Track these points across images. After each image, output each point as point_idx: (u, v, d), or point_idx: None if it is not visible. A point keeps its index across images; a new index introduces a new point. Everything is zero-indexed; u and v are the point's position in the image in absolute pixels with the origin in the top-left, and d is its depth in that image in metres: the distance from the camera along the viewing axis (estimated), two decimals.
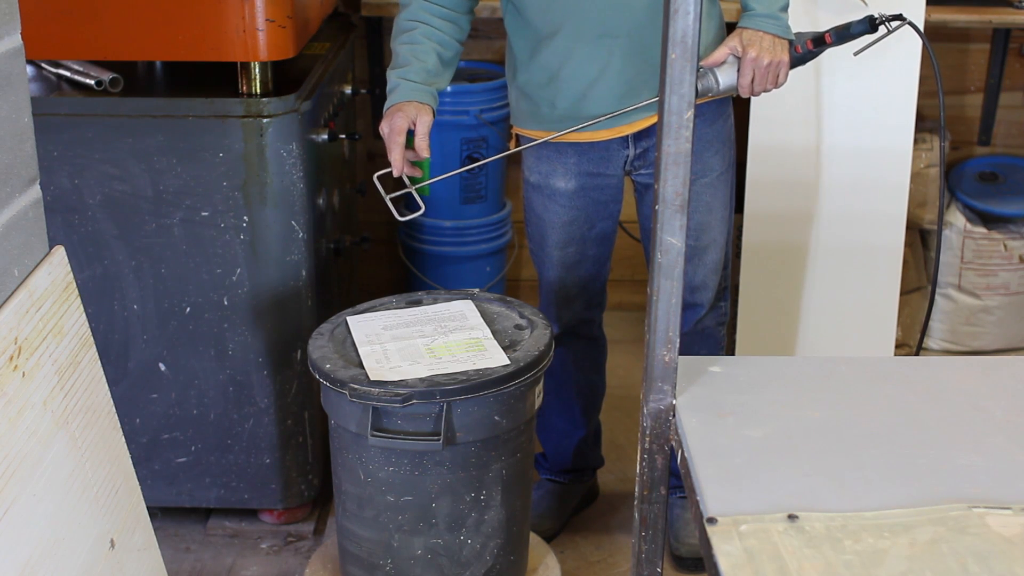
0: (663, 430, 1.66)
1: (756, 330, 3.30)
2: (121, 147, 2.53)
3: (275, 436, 2.74)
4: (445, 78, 2.49)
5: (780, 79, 2.40)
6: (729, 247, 2.71)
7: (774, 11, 2.38)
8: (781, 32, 2.38)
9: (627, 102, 2.45)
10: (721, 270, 2.69)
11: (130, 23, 2.49)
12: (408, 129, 2.38)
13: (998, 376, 1.78)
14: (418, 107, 2.39)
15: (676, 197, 1.52)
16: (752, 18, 2.39)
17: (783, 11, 2.40)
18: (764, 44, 2.36)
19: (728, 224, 2.67)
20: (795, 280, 3.27)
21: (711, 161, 2.57)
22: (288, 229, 2.60)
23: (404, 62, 2.43)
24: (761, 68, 2.36)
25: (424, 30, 2.45)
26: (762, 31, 2.37)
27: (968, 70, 3.80)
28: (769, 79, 2.38)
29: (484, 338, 2.28)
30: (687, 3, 1.44)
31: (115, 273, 2.61)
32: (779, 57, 2.37)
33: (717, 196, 2.60)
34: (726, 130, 2.60)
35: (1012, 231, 3.67)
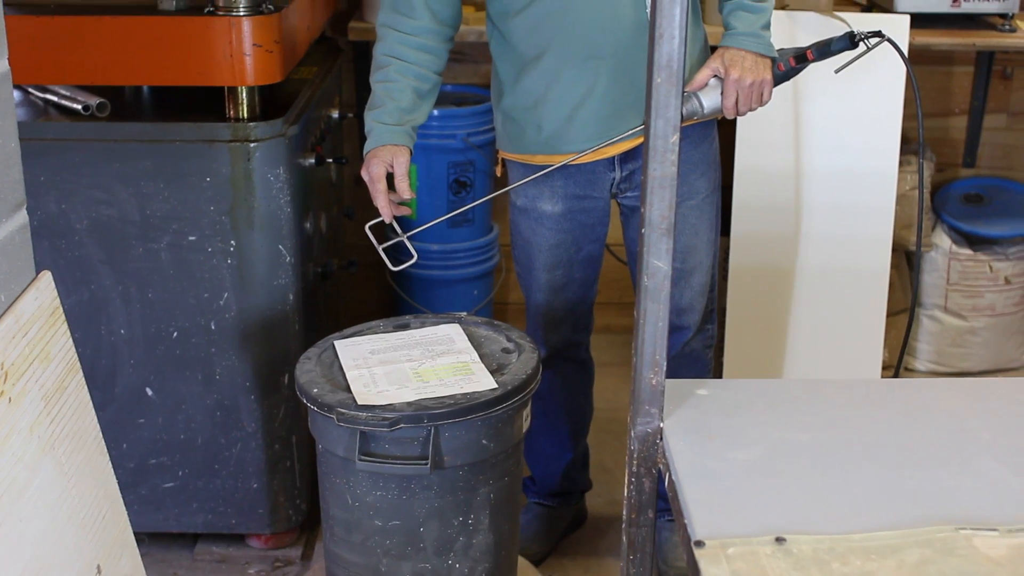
0: (651, 453, 1.66)
1: (743, 352, 3.30)
2: (108, 172, 2.53)
3: (263, 461, 2.74)
4: (424, 111, 2.50)
5: (764, 97, 2.41)
6: (715, 269, 2.70)
7: (755, 29, 2.40)
8: (763, 50, 2.39)
9: (613, 123, 2.45)
10: (708, 292, 2.69)
11: (117, 48, 2.49)
12: (388, 172, 2.40)
13: (985, 397, 1.79)
14: (393, 149, 2.41)
15: (662, 220, 1.53)
16: (733, 37, 2.40)
17: (764, 29, 2.42)
18: (746, 64, 2.37)
19: (714, 246, 2.67)
20: (782, 302, 3.28)
21: (697, 184, 2.57)
22: (275, 253, 2.60)
23: (379, 103, 2.45)
24: (744, 88, 2.37)
25: (398, 66, 2.46)
26: (744, 50, 2.38)
27: (952, 92, 3.82)
28: (753, 98, 2.39)
29: (472, 362, 2.28)
30: (672, 27, 1.45)
31: (102, 298, 2.61)
32: (762, 76, 2.38)
33: (703, 218, 2.61)
34: (711, 153, 2.61)
35: (998, 252, 3.69)
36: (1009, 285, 3.70)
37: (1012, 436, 1.67)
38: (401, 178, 2.41)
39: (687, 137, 2.46)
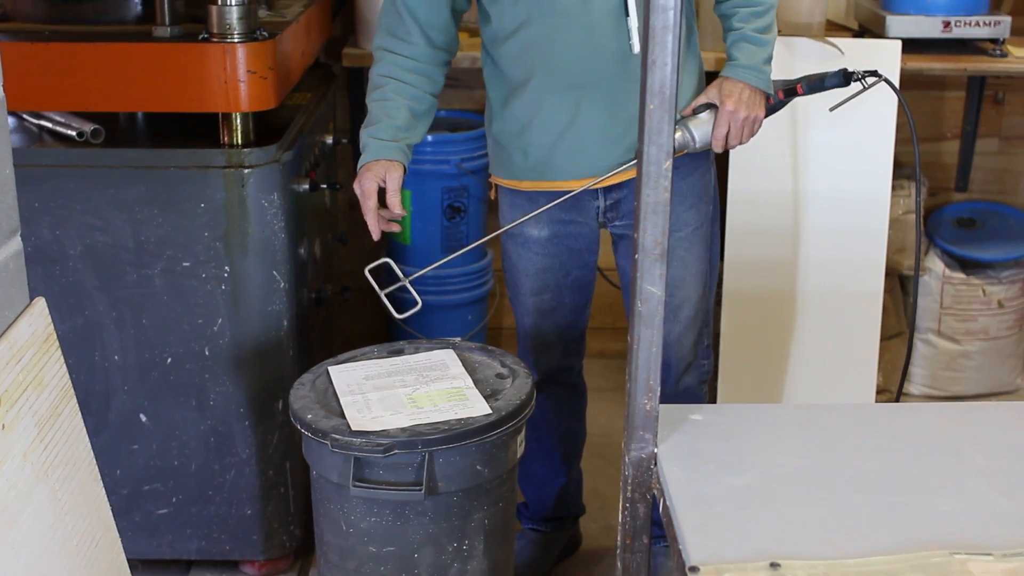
0: (645, 479, 1.66)
1: (737, 377, 3.31)
2: (102, 198, 2.53)
3: (256, 487, 2.73)
4: (419, 131, 2.50)
5: (754, 132, 2.42)
6: (708, 303, 2.67)
7: (757, 63, 2.40)
8: (762, 85, 2.40)
9: (599, 152, 2.45)
10: (698, 327, 2.65)
11: (112, 75, 2.50)
12: (381, 188, 2.40)
13: (979, 422, 1.79)
14: (387, 165, 2.41)
15: (655, 247, 1.53)
16: (734, 68, 2.40)
17: (766, 64, 2.42)
18: (743, 97, 2.37)
19: (705, 280, 2.64)
20: (775, 327, 3.28)
21: (685, 215, 2.55)
22: (269, 279, 2.60)
23: (375, 119, 2.45)
24: (738, 122, 2.37)
25: (394, 86, 2.47)
26: (743, 82, 2.38)
27: (944, 117, 3.84)
28: (744, 133, 2.40)
29: (466, 387, 2.28)
30: (664, 55, 1.46)
31: (96, 324, 2.61)
32: (755, 112, 2.39)
33: (692, 251, 2.58)
34: (702, 184, 2.58)
35: (991, 276, 3.69)
36: (1002, 309, 3.71)
37: (1006, 460, 1.67)
38: (393, 193, 2.41)
39: (676, 168, 2.45)
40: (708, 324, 2.69)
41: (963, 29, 3.38)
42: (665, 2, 1.43)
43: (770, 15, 2.44)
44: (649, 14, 1.45)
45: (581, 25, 2.37)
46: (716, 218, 2.66)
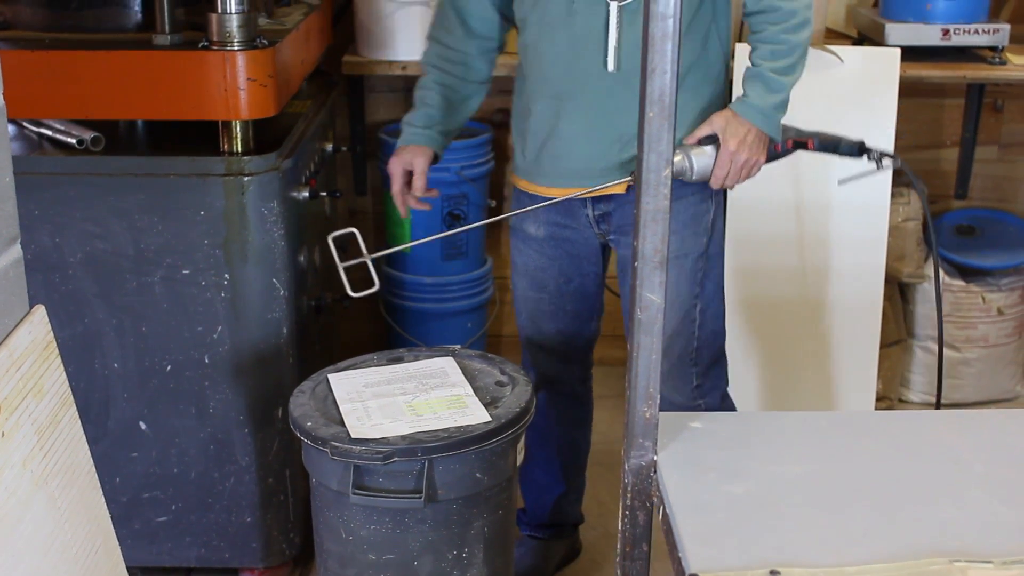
0: (645, 486, 1.66)
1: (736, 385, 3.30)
2: (102, 206, 2.53)
3: (256, 495, 2.73)
4: (457, 118, 2.59)
5: (752, 175, 2.37)
6: (694, 342, 2.57)
7: (768, 107, 2.33)
8: (769, 130, 2.34)
9: (577, 163, 2.46)
10: (692, 365, 2.59)
11: (112, 82, 2.50)
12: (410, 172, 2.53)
13: (978, 429, 1.79)
14: (414, 150, 2.54)
15: (655, 254, 1.53)
16: (744, 106, 2.34)
17: (778, 109, 2.35)
18: (748, 140, 2.31)
19: (690, 317, 2.54)
20: (775, 335, 3.28)
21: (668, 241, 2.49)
22: (269, 287, 2.60)
23: (414, 106, 2.60)
24: (738, 164, 2.32)
25: (434, 74, 2.60)
26: (750, 122, 2.32)
27: (944, 125, 3.84)
28: (742, 175, 2.34)
29: (465, 395, 2.28)
30: (664, 62, 1.46)
31: (96, 331, 2.61)
32: (757, 156, 2.34)
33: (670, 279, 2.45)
34: (691, 214, 2.50)
35: (990, 283, 3.69)
36: (1002, 316, 3.71)
37: (1006, 468, 1.67)
38: (418, 176, 2.53)
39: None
40: (699, 364, 2.59)
41: (962, 37, 3.38)
42: (664, 10, 1.43)
43: (793, 56, 2.35)
44: (648, 22, 1.45)
45: (566, 37, 2.39)
46: (713, 257, 2.55)
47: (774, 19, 2.34)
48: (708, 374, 2.62)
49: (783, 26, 2.32)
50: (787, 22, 2.32)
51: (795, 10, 2.32)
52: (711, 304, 2.58)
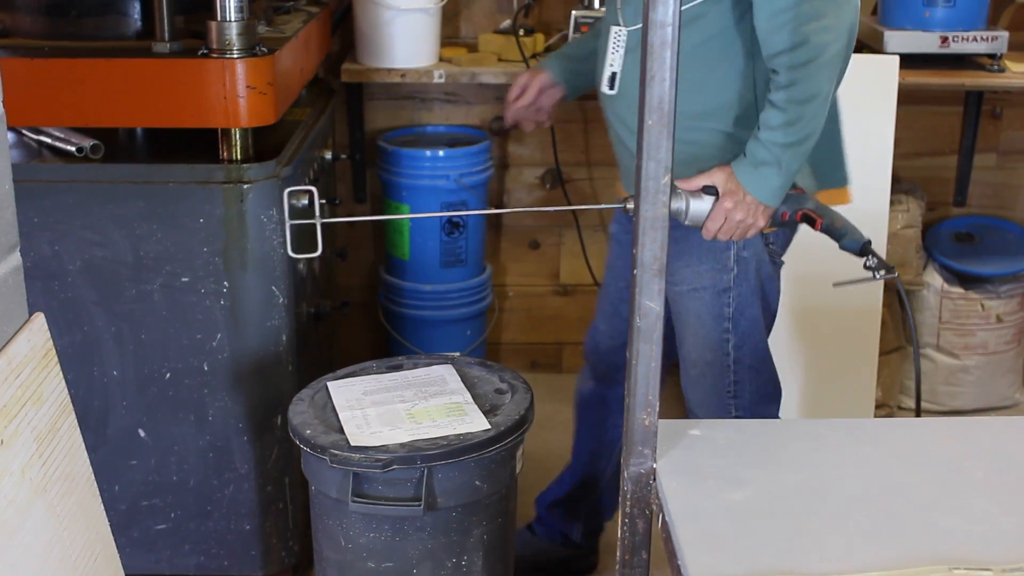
0: (644, 494, 1.66)
1: None
2: (102, 213, 2.54)
3: (255, 502, 2.73)
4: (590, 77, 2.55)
5: (748, 235, 2.25)
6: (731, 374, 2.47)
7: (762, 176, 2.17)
8: (764, 199, 2.19)
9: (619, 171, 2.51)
10: (716, 393, 2.49)
11: (111, 90, 2.50)
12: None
13: (977, 437, 1.79)
14: (539, 71, 2.65)
15: (654, 262, 1.53)
16: (742, 167, 2.19)
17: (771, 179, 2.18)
18: (746, 200, 2.19)
19: (719, 347, 2.44)
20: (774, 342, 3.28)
21: (681, 272, 2.41)
22: (268, 294, 2.60)
23: None
24: (732, 221, 2.20)
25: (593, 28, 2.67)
26: (743, 190, 2.18)
27: (942, 132, 3.84)
28: (737, 233, 2.22)
29: (465, 403, 2.28)
30: (663, 70, 1.46)
31: (95, 339, 2.61)
32: (754, 219, 2.21)
33: (691, 311, 2.44)
34: (707, 249, 2.38)
35: (989, 291, 3.70)
36: (1001, 323, 3.71)
37: (1005, 476, 1.67)
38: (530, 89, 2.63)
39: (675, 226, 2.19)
40: (739, 398, 2.49)
41: (961, 44, 3.39)
42: (664, 18, 1.44)
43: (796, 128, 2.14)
44: (647, 30, 1.45)
45: (602, 51, 2.40)
46: (745, 295, 2.42)
47: (778, 82, 2.15)
48: (753, 410, 2.51)
49: (786, 92, 2.13)
50: (789, 88, 2.13)
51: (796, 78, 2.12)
52: (747, 342, 2.45)
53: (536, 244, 3.92)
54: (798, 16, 2.09)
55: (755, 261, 2.40)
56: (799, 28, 2.09)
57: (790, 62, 2.11)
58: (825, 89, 2.14)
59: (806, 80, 2.12)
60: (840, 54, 2.14)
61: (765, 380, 2.51)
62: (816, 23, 2.09)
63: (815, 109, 2.14)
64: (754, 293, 2.42)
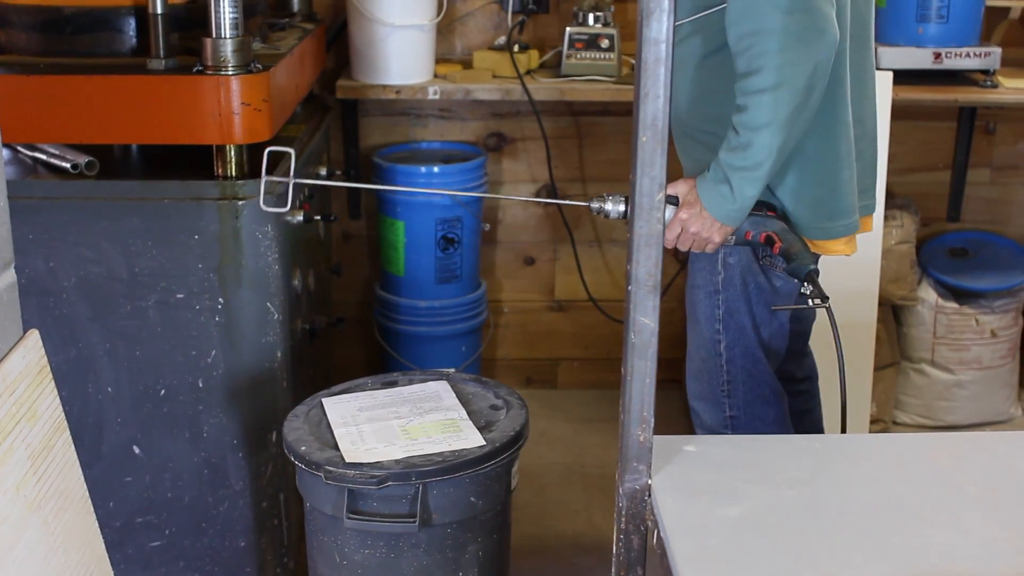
0: (639, 510, 1.66)
1: None
2: (96, 230, 2.54)
3: (250, 519, 2.72)
4: None
5: (707, 249, 2.26)
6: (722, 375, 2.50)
7: (718, 195, 2.18)
8: (720, 217, 2.20)
9: None
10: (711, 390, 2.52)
11: (106, 107, 2.51)
12: None
13: (972, 452, 1.79)
14: None
15: (648, 278, 1.54)
16: (703, 183, 2.21)
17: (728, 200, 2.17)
18: (702, 215, 2.21)
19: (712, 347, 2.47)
20: None
21: (690, 268, 2.46)
22: (263, 311, 2.60)
23: None
24: (687, 232, 2.22)
25: None
26: (701, 204, 2.20)
27: (936, 147, 3.85)
28: (692, 245, 2.25)
29: (460, 419, 2.28)
30: (656, 87, 1.47)
31: (89, 355, 2.60)
32: (708, 234, 2.22)
33: (692, 306, 2.48)
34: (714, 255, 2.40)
35: (983, 306, 3.70)
36: (995, 338, 3.71)
37: (1000, 491, 1.67)
38: None
39: None
40: (733, 397, 2.51)
41: (954, 60, 3.40)
42: (657, 35, 1.44)
43: (752, 153, 2.12)
44: (642, 47, 1.46)
45: None
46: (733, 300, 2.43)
47: (737, 103, 2.14)
48: (747, 410, 2.52)
49: (740, 116, 2.13)
50: (742, 112, 2.12)
51: (747, 104, 2.11)
52: (738, 344, 2.46)
53: (531, 260, 3.92)
54: (759, 44, 2.07)
55: (740, 269, 2.39)
56: (759, 57, 2.07)
57: (745, 87, 2.11)
58: (778, 119, 2.10)
59: (757, 107, 2.10)
60: (800, 90, 2.09)
61: (759, 382, 2.52)
62: (778, 56, 2.07)
63: (766, 138, 2.11)
64: (740, 299, 2.42)
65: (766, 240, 2.27)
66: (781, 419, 2.59)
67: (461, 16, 3.73)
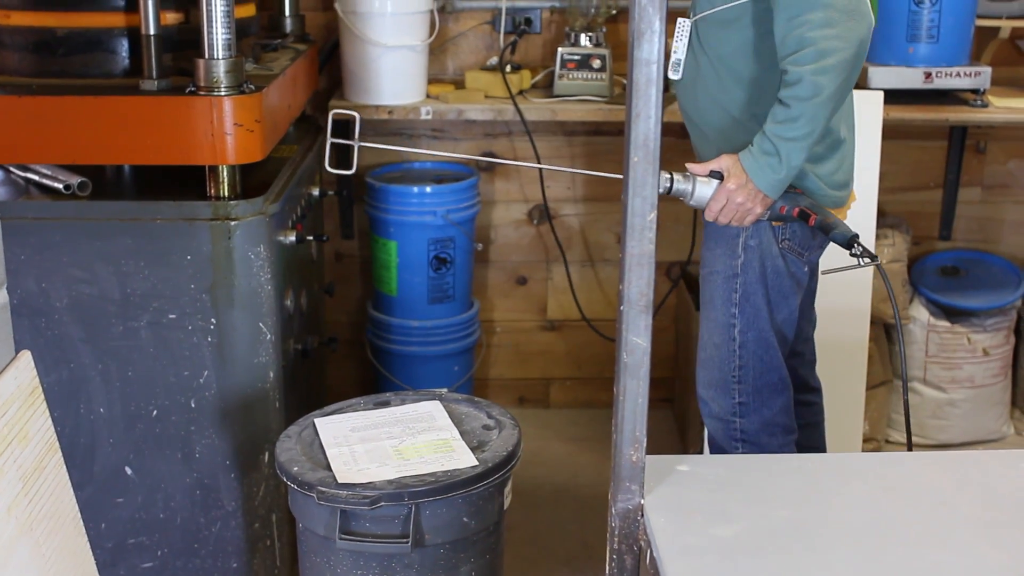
0: (632, 530, 1.66)
1: None
2: (89, 250, 2.53)
3: (242, 540, 2.72)
4: None
5: (746, 221, 2.41)
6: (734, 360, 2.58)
7: (764, 166, 2.34)
8: (763, 188, 2.36)
9: None
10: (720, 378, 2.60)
11: (99, 128, 2.51)
12: None
13: (965, 472, 1.79)
14: None
15: (640, 298, 1.54)
16: (746, 156, 2.37)
17: (774, 170, 2.33)
18: (748, 186, 2.36)
19: (727, 333, 2.56)
20: None
21: (704, 255, 2.58)
22: (255, 331, 2.60)
23: None
24: (733, 203, 2.38)
25: None
26: (747, 176, 2.36)
27: (927, 166, 3.87)
28: (735, 216, 2.40)
29: (452, 439, 2.27)
30: (648, 107, 1.47)
31: (81, 376, 2.60)
32: (753, 204, 2.38)
33: (707, 292, 2.58)
34: (721, 231, 2.52)
35: (975, 324, 3.71)
36: (987, 357, 3.72)
37: (993, 510, 1.67)
38: None
39: None
40: (743, 383, 2.59)
41: (944, 80, 3.42)
42: (648, 56, 1.45)
43: (797, 124, 2.30)
44: (633, 68, 1.46)
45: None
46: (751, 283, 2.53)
47: (785, 80, 2.32)
48: (756, 396, 2.60)
49: (790, 90, 2.30)
50: (793, 86, 2.29)
51: (800, 75, 2.28)
52: (752, 328, 2.56)
53: (523, 280, 3.92)
54: (810, 22, 2.26)
55: (759, 252, 2.52)
56: (809, 33, 2.26)
57: (797, 62, 2.28)
58: (827, 92, 2.28)
59: (810, 79, 2.27)
60: (847, 63, 2.29)
61: (769, 368, 2.60)
62: (826, 30, 2.26)
63: (816, 108, 2.29)
64: (759, 282, 2.54)
65: (799, 214, 2.42)
66: (788, 408, 2.65)
67: (453, 37, 3.74)
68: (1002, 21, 3.55)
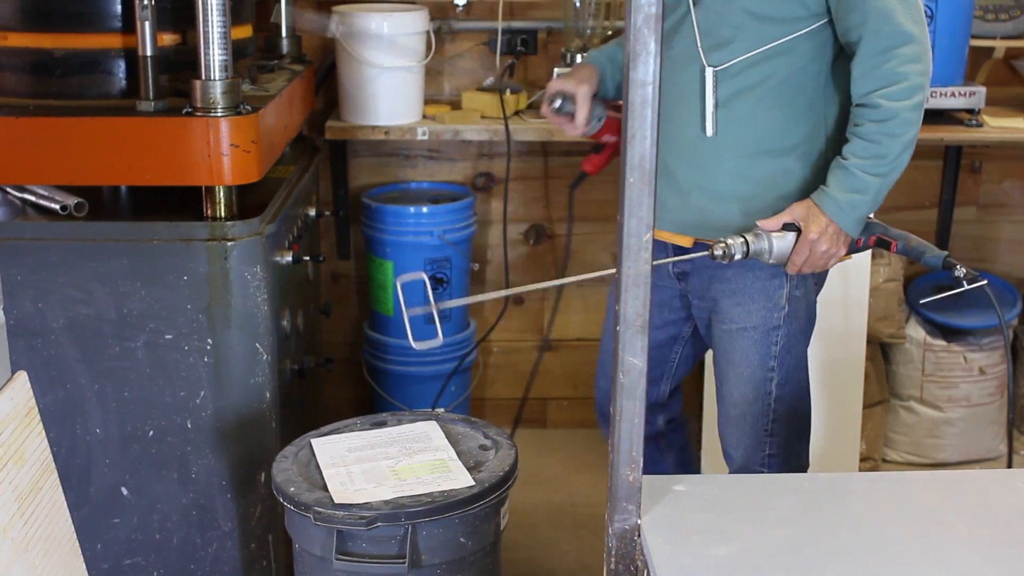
0: (629, 550, 1.66)
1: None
2: (85, 271, 2.54)
3: (239, 560, 2.71)
4: None
5: (828, 265, 2.32)
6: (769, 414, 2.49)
7: (846, 203, 2.26)
8: (845, 226, 2.27)
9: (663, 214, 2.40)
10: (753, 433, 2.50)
11: (96, 149, 2.51)
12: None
13: (961, 491, 1.80)
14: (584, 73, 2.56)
15: (637, 318, 1.54)
16: (823, 196, 2.27)
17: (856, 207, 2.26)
18: (829, 231, 2.26)
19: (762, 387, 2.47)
20: None
21: (731, 311, 2.45)
22: (252, 351, 2.60)
23: None
24: (817, 253, 2.27)
25: None
26: (828, 217, 2.26)
27: (922, 186, 3.87)
28: (819, 264, 2.30)
29: (449, 459, 2.27)
30: (644, 128, 1.48)
31: (78, 397, 2.60)
32: (837, 248, 2.29)
33: (736, 350, 2.47)
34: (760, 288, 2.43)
35: (972, 343, 3.71)
36: (984, 375, 3.72)
37: (989, 529, 1.67)
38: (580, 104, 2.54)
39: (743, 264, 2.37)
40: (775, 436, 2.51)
41: (939, 99, 3.43)
42: (644, 77, 1.45)
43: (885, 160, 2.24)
44: (628, 89, 1.46)
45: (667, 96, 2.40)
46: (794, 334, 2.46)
47: (873, 116, 2.24)
48: (786, 447, 2.53)
49: (880, 126, 2.23)
50: (886, 122, 2.23)
51: (896, 112, 2.22)
52: (790, 381, 2.48)
53: (520, 300, 3.92)
54: (901, 56, 2.22)
55: (805, 300, 2.46)
56: (901, 68, 2.22)
57: (891, 97, 2.22)
58: (917, 126, 2.25)
59: (905, 115, 2.23)
60: (925, 99, 2.26)
61: (801, 417, 2.54)
62: (915, 65, 2.23)
63: (905, 145, 2.25)
64: (802, 332, 2.48)
65: (877, 243, 2.34)
66: (807, 451, 2.60)
67: (450, 57, 3.75)
68: (996, 41, 3.56)
